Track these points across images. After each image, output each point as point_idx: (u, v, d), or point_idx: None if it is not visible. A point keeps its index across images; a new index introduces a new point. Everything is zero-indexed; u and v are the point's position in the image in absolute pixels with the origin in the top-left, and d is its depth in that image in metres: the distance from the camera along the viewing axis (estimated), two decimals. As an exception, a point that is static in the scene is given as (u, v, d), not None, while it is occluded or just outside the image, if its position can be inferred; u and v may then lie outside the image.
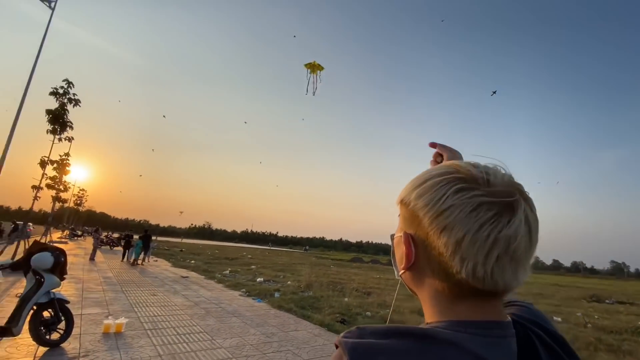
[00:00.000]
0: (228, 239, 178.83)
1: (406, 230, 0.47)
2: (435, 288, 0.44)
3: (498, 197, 0.40)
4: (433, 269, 0.43)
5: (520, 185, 0.43)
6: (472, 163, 0.46)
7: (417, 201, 0.44)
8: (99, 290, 7.97)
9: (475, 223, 0.39)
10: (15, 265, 4.26)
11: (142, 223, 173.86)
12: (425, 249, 0.44)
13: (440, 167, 0.46)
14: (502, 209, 0.40)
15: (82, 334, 4.61)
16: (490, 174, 0.43)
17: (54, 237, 27.63)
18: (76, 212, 53.95)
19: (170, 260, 19.30)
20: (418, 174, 0.50)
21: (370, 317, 7.47)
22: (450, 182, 0.42)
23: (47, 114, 11.86)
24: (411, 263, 0.46)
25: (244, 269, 16.89)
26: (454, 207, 0.40)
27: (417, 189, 0.45)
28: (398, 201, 0.50)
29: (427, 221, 0.42)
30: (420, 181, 0.46)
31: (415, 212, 0.45)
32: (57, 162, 15.37)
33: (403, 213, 0.48)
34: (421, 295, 0.48)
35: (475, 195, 0.40)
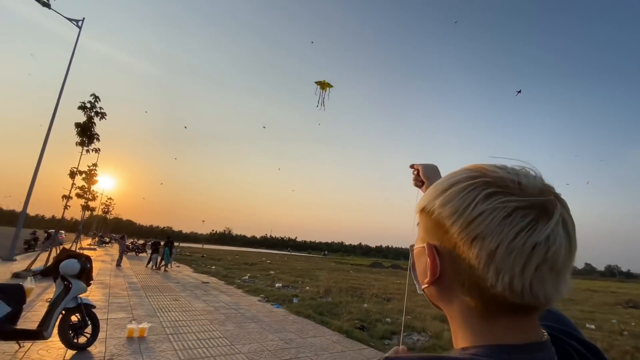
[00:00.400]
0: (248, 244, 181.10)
1: (429, 241, 0.43)
2: (466, 305, 0.40)
3: (532, 201, 0.37)
4: (463, 283, 0.39)
5: (552, 187, 0.40)
6: (498, 165, 0.42)
7: (442, 209, 0.40)
8: (124, 296, 8.24)
9: (511, 231, 0.35)
10: (45, 272, 4.47)
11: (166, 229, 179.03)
12: (454, 261, 0.40)
13: (464, 171, 0.42)
14: (538, 214, 0.36)
15: (107, 337, 4.78)
16: (521, 176, 0.39)
17: (83, 244, 28.92)
18: (104, 219, 56.31)
19: (192, 265, 19.73)
20: (439, 180, 0.46)
21: (390, 323, 7.34)
22: (479, 187, 0.39)
23: (76, 127, 12.49)
24: (436, 277, 0.41)
25: (263, 275, 17.03)
26: (485, 214, 0.37)
27: (442, 195, 0.41)
28: (418, 210, 0.46)
29: (456, 230, 0.38)
30: (445, 187, 0.42)
31: (440, 221, 0.41)
32: (85, 173, 16.11)
33: (425, 222, 0.45)
34: (449, 313, 0.43)
35: (508, 200, 0.37)
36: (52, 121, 14.31)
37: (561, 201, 0.39)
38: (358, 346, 5.47)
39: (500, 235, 0.36)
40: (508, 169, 0.41)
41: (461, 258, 0.38)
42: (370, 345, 5.55)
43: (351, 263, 52.73)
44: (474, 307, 0.39)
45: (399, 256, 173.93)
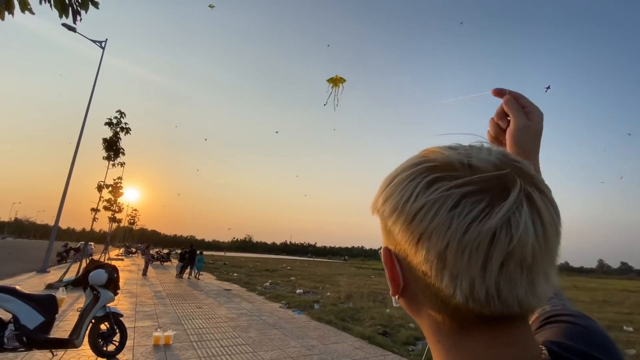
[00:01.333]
0: (268, 251, 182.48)
1: (387, 244, 0.36)
2: (434, 319, 0.33)
3: (485, 182, 0.29)
4: (425, 294, 0.32)
5: (518, 162, 0.31)
6: (450, 145, 0.34)
7: (384, 207, 0.33)
8: (150, 304, 8.46)
9: (460, 223, 0.27)
10: (76, 282, 4.66)
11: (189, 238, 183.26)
12: (409, 268, 0.32)
13: (410, 159, 0.35)
14: (493, 197, 0.28)
15: (134, 345, 4.91)
16: (472, 154, 0.31)
17: (111, 255, 30.01)
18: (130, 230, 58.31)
19: (215, 273, 20.06)
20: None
21: (413, 328, 7.17)
22: (420, 175, 0.31)
23: (104, 142, 13.07)
24: (400, 287, 0.34)
25: (284, 281, 17.08)
26: (427, 207, 0.29)
27: (384, 191, 0.34)
28: (371, 208, 0.37)
29: (399, 231, 0.31)
30: (388, 180, 0.35)
31: (385, 223, 0.34)
32: (111, 186, 16.77)
33: (380, 225, 0.37)
34: (422, 327, 0.36)
35: (455, 185, 0.29)
36: (80, 137, 15.04)
37: (526, 175, 0.30)
38: (381, 352, 5.37)
39: (449, 231, 0.27)
40: (460, 148, 0.33)
41: (412, 265, 0.31)
42: (393, 351, 5.44)
43: (372, 267, 52.10)
44: (441, 322, 0.32)
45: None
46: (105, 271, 4.42)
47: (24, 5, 2.55)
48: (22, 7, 2.56)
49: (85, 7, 2.72)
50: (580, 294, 20.07)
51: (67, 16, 2.64)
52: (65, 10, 2.64)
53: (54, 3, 2.59)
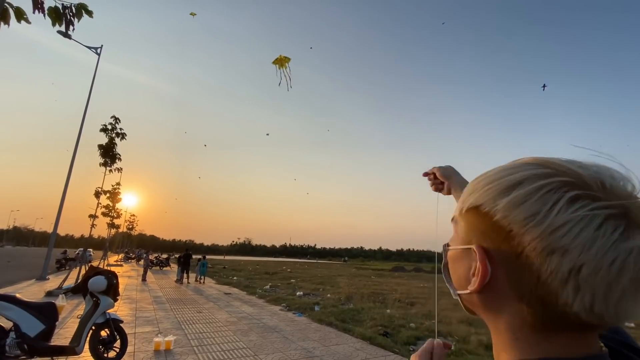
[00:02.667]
0: (268, 254, 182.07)
1: (480, 243, 0.37)
2: (520, 317, 0.35)
3: (623, 207, 0.31)
4: (522, 295, 0.34)
5: (635, 184, 0.33)
6: (573, 161, 0.34)
7: (511, 212, 0.34)
8: (150, 310, 8.45)
9: (601, 246, 0.29)
10: (75, 289, 4.66)
11: (188, 243, 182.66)
12: (514, 269, 0.34)
13: (527, 166, 0.35)
14: (629, 224, 0.30)
15: (135, 351, 4.91)
16: (604, 176, 0.32)
17: (110, 261, 29.88)
18: (129, 236, 58.11)
19: (214, 277, 20.01)
20: (489, 172, 0.39)
21: (414, 328, 7.19)
22: (559, 189, 0.32)
23: (99, 148, 13.06)
24: (484, 283, 0.36)
25: (284, 283, 17.07)
26: (571, 224, 0.30)
27: (507, 195, 0.34)
28: (466, 207, 0.39)
29: (530, 239, 0.32)
30: (506, 184, 0.35)
31: (504, 225, 0.34)
32: (109, 192, 16.74)
33: (475, 223, 0.38)
34: (494, 324, 0.38)
35: (597, 207, 0.30)
36: (77, 144, 15.02)
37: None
38: (382, 353, 5.39)
39: (589, 252, 0.29)
40: (584, 165, 0.34)
41: (527, 269, 0.33)
42: (394, 352, 5.45)
43: (372, 268, 52.07)
44: (529, 321, 0.34)
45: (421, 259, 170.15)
46: (104, 277, 4.41)
47: (19, 15, 2.56)
48: (18, 17, 2.58)
49: (79, 16, 2.74)
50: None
51: (61, 24, 2.66)
52: (59, 19, 2.66)
53: (48, 12, 2.61)
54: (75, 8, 2.77)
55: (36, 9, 2.57)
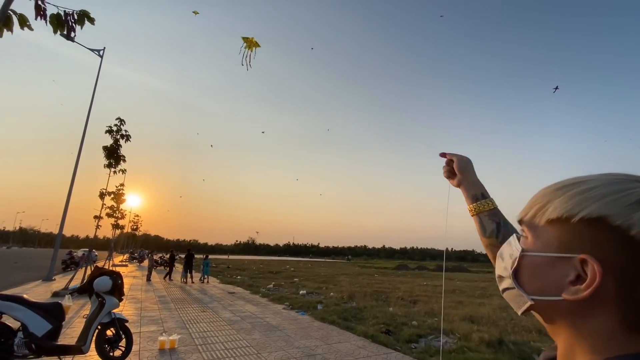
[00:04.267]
0: (271, 253, 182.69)
1: (592, 253, 0.38)
2: (618, 320, 0.37)
3: None
4: (632, 301, 0.37)
5: None
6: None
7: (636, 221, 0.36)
8: (155, 309, 8.55)
9: None
10: (81, 290, 4.74)
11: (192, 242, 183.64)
12: (631, 280, 0.36)
13: (635, 182, 0.39)
14: None
15: (140, 350, 4.99)
16: None
17: (115, 261, 30.14)
18: (133, 236, 58.44)
19: (218, 277, 20.15)
20: (594, 184, 0.40)
21: (416, 326, 7.22)
22: None
23: (104, 150, 13.17)
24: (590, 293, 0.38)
25: (287, 282, 17.15)
26: None
27: (631, 204, 0.37)
28: (586, 217, 0.39)
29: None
30: (636, 198, 0.37)
31: (629, 238, 0.36)
32: (113, 193, 16.88)
33: (590, 233, 0.39)
34: (582, 328, 0.40)
35: None
36: (81, 146, 15.16)
37: None
38: (384, 350, 5.43)
39: None
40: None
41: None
42: (396, 349, 5.49)
43: (376, 266, 52.11)
44: (627, 323, 0.37)
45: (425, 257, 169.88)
46: (109, 278, 4.49)
47: (22, 22, 2.62)
48: (21, 24, 2.64)
49: (81, 23, 2.79)
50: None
51: (63, 31, 2.72)
52: (61, 26, 2.71)
53: (50, 19, 2.67)
54: (78, 15, 2.83)
55: (38, 16, 2.63)
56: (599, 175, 0.42)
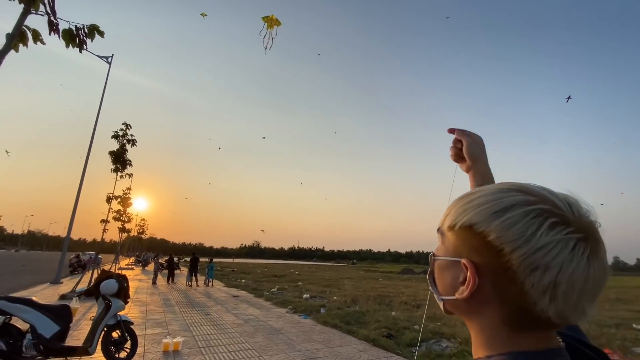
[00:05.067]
0: (276, 257, 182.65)
1: (470, 258, 0.43)
2: (500, 319, 0.42)
3: (588, 233, 0.39)
4: (504, 301, 0.41)
5: (597, 218, 0.41)
6: (546, 189, 0.42)
7: (502, 233, 0.40)
8: (160, 312, 8.66)
9: (572, 264, 0.37)
10: (88, 292, 4.88)
11: (197, 246, 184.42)
12: (501, 281, 0.40)
13: (515, 192, 0.42)
14: (594, 246, 0.39)
15: (145, 352, 5.09)
16: (573, 206, 0.40)
17: (121, 264, 30.44)
18: (139, 240, 58.93)
19: (223, 280, 20.26)
20: (479, 193, 0.45)
21: (418, 330, 7.23)
22: (541, 215, 0.39)
23: (110, 155, 13.41)
24: (472, 292, 0.42)
25: (291, 286, 17.19)
26: (551, 246, 0.38)
27: (499, 218, 0.41)
28: (456, 225, 0.45)
29: (517, 257, 0.38)
30: (499, 208, 0.41)
31: (496, 244, 0.40)
32: (120, 197, 17.12)
33: (467, 239, 0.44)
34: (475, 325, 0.45)
35: (571, 232, 0.38)
36: (89, 150, 15.44)
37: (600, 231, 0.41)
38: (385, 354, 5.47)
39: (564, 269, 0.37)
40: (559, 196, 0.41)
41: (513, 282, 0.39)
42: (397, 353, 5.53)
43: (381, 270, 51.89)
44: (507, 322, 0.41)
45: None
46: (115, 281, 4.61)
47: (35, 37, 2.76)
48: (35, 39, 2.78)
49: (92, 36, 2.93)
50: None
51: (75, 46, 2.85)
52: (73, 40, 2.85)
53: (62, 34, 2.81)
54: (88, 29, 2.97)
55: (52, 31, 2.77)
56: (489, 186, 0.46)
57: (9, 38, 2.55)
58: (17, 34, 2.63)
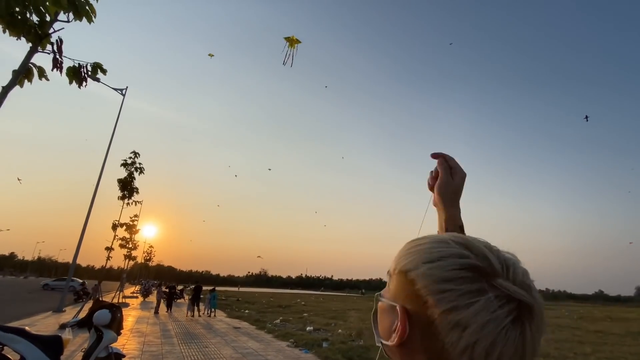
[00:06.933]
0: (283, 286, 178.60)
1: (404, 304, 0.42)
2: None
3: (518, 298, 0.37)
4: (431, 355, 0.39)
5: (532, 283, 0.39)
6: (487, 246, 0.41)
7: (427, 282, 0.39)
8: (158, 344, 8.43)
9: (493, 329, 0.35)
10: (81, 323, 4.80)
11: (204, 274, 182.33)
12: (427, 334, 0.39)
13: (452, 245, 0.41)
14: (520, 315, 0.36)
15: (136, 388, 4.90)
16: (509, 266, 0.39)
17: (126, 293, 30.11)
18: (146, 267, 58.73)
19: (226, 310, 19.78)
20: (422, 240, 0.44)
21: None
22: (470, 271, 0.38)
23: (118, 182, 13.74)
24: (403, 339, 0.41)
25: (296, 317, 16.65)
26: (472, 305, 0.36)
27: (430, 265, 0.40)
28: (396, 269, 0.45)
29: (439, 311, 0.37)
30: (433, 257, 0.40)
31: (421, 294, 0.39)
32: (126, 224, 17.31)
33: (402, 284, 0.43)
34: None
35: (498, 296, 0.36)
36: (100, 178, 15.80)
37: (538, 298, 0.38)
38: (387, 394, 5.14)
39: (482, 332, 0.35)
40: (500, 256, 0.40)
41: (435, 337, 0.38)
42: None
43: (390, 301, 49.89)
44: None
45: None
46: (109, 311, 4.54)
47: (41, 74, 2.94)
48: (40, 76, 2.96)
49: (95, 73, 3.10)
50: (613, 326, 18.58)
51: (79, 83, 3.02)
52: (77, 78, 3.02)
53: (67, 72, 2.98)
54: (92, 67, 3.15)
55: (55, 68, 2.94)
56: (439, 235, 0.45)
57: (15, 74, 2.72)
58: (23, 71, 2.80)
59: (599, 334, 14.51)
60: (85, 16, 2.80)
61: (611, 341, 12.40)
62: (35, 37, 2.70)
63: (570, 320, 23.14)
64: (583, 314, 30.54)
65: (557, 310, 37.10)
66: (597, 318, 25.82)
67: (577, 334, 14.29)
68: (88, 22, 2.85)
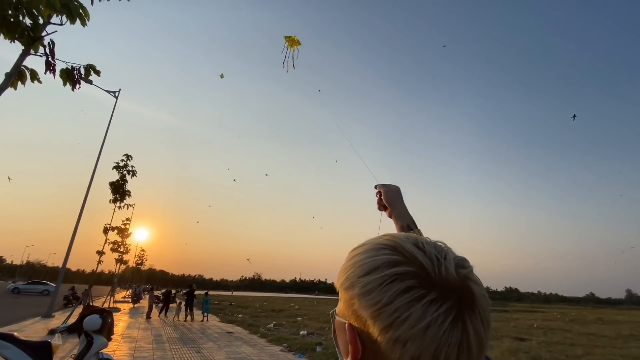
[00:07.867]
0: (277, 289, 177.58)
1: (351, 321, 0.40)
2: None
3: (452, 294, 0.35)
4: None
5: (470, 270, 0.38)
6: (416, 243, 0.39)
7: (362, 300, 0.37)
8: (149, 349, 8.31)
9: (433, 338, 0.34)
10: (70, 328, 4.72)
11: (197, 278, 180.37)
12: (376, 352, 0.37)
13: (384, 251, 0.39)
14: (459, 311, 0.35)
15: (126, 394, 4.83)
16: (441, 262, 0.37)
17: (117, 297, 29.62)
18: (138, 271, 57.97)
19: (219, 314, 19.59)
20: (359, 250, 0.42)
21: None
22: (399, 279, 0.36)
23: (110, 185, 13.59)
24: (358, 357, 0.39)
25: (289, 322, 16.55)
26: (408, 319, 0.34)
27: (362, 281, 0.38)
28: (339, 285, 0.42)
29: (379, 328, 0.36)
30: (365, 270, 0.39)
31: (360, 314, 0.38)
32: (118, 228, 17.10)
33: (345, 301, 0.41)
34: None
35: (434, 299, 0.35)
36: (91, 181, 15.61)
37: (477, 282, 0.37)
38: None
39: (423, 343, 0.34)
40: (429, 253, 0.38)
41: (381, 354, 0.36)
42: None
43: (384, 305, 49.80)
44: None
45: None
46: (99, 316, 4.48)
47: (33, 76, 2.92)
48: (32, 78, 2.94)
49: (88, 75, 3.09)
50: (604, 328, 18.78)
51: (72, 86, 3.00)
52: (70, 79, 3.01)
53: (60, 74, 2.96)
54: (85, 69, 3.14)
55: (48, 70, 2.93)
56: (371, 241, 0.43)
57: (7, 77, 2.70)
58: (15, 73, 2.78)
59: (590, 337, 14.66)
60: (78, 19, 2.80)
61: (602, 343, 12.54)
62: (28, 40, 2.68)
63: (562, 322, 23.35)
64: (574, 317, 30.86)
65: (548, 313, 37.47)
66: (588, 320, 26.09)
67: (569, 337, 14.44)
68: (82, 25, 2.85)
